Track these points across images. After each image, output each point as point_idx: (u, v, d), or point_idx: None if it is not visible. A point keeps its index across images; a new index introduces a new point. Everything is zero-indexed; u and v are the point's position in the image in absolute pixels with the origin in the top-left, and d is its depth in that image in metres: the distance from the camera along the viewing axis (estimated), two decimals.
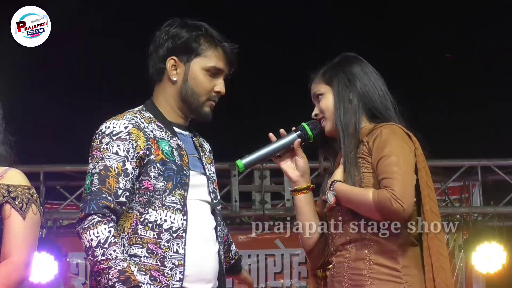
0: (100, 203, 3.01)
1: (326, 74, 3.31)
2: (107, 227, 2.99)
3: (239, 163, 3.35)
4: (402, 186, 3.06)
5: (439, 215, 3.18)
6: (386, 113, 3.24)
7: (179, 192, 3.12)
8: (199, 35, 3.22)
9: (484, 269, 7.40)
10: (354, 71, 3.28)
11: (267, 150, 3.35)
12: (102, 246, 2.97)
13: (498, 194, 7.61)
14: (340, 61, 3.33)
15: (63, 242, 7.16)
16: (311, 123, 3.34)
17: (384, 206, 3.07)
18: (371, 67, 3.32)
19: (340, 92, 3.25)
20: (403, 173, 3.08)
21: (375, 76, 3.30)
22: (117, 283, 2.93)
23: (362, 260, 3.15)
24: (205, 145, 3.38)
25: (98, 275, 2.98)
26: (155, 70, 3.25)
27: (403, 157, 3.12)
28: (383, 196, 3.08)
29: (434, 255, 3.12)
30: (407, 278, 3.12)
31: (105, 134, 3.11)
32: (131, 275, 2.96)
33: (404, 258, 3.13)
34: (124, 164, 3.07)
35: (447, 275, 3.13)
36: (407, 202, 3.06)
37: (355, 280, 3.15)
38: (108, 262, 2.96)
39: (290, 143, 3.34)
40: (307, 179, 3.36)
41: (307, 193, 3.35)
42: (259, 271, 7.68)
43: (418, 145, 3.20)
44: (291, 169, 3.37)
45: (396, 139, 3.14)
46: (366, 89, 3.25)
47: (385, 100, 3.27)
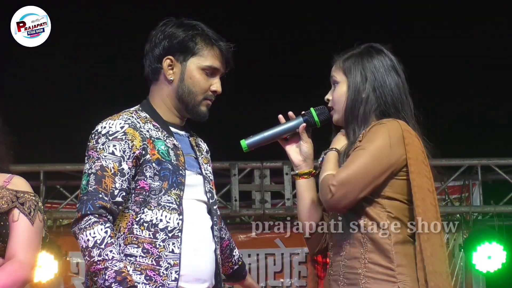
0: (97, 203, 3.02)
1: (346, 63, 3.26)
2: (103, 228, 2.99)
3: (242, 143, 3.32)
4: (347, 177, 3.06)
5: (437, 217, 3.14)
6: (397, 114, 3.20)
7: (175, 192, 3.12)
8: (195, 34, 3.22)
9: (484, 269, 7.39)
10: (373, 66, 3.23)
11: (271, 132, 3.32)
12: (98, 246, 2.97)
13: (498, 193, 7.61)
14: (362, 52, 3.27)
15: (63, 241, 7.16)
16: (319, 109, 3.31)
17: (321, 190, 3.11)
18: (392, 63, 3.26)
19: (354, 88, 3.22)
20: (360, 166, 3.07)
21: (394, 74, 3.24)
22: (113, 284, 2.94)
23: (357, 259, 3.13)
24: (202, 145, 3.38)
25: (95, 276, 2.98)
26: (151, 69, 3.25)
27: (374, 153, 3.09)
28: (325, 178, 3.11)
29: (427, 258, 3.08)
30: (401, 277, 3.10)
31: (101, 134, 3.11)
32: (127, 275, 2.96)
33: (399, 257, 3.11)
34: (121, 164, 3.07)
35: (442, 278, 3.09)
36: (340, 194, 3.05)
37: (350, 279, 3.14)
38: (105, 262, 2.96)
39: (296, 127, 3.31)
40: (310, 165, 3.32)
41: (308, 178, 3.32)
42: (259, 270, 7.68)
43: (418, 147, 3.16)
44: (294, 152, 3.34)
45: (380, 135, 3.12)
46: (382, 88, 3.21)
47: (399, 101, 3.22)
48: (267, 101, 6.88)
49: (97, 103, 6.44)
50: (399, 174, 3.15)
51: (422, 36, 7.33)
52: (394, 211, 3.14)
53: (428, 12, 7.44)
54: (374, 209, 3.13)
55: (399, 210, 3.15)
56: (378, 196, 3.13)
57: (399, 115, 3.20)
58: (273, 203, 7.50)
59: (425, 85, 7.10)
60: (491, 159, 7.54)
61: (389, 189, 3.14)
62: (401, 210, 3.15)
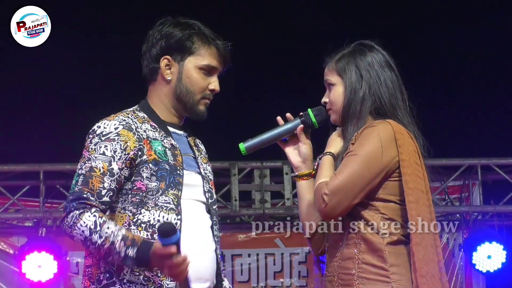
0: (81, 201, 3.03)
1: (339, 64, 3.26)
2: (90, 214, 3.00)
3: (241, 146, 3.33)
4: (339, 185, 3.07)
5: (431, 217, 3.14)
6: (393, 111, 3.20)
7: (173, 192, 3.12)
8: (192, 33, 3.22)
9: (484, 269, 7.39)
10: (367, 64, 3.23)
11: (269, 135, 3.33)
12: (95, 231, 2.98)
13: (498, 193, 7.60)
14: (354, 51, 3.27)
15: (63, 241, 7.15)
16: (316, 110, 3.31)
17: (315, 198, 3.13)
18: (384, 58, 3.26)
19: (350, 88, 3.21)
20: (352, 173, 3.08)
21: (389, 71, 3.24)
22: (127, 250, 2.95)
23: (351, 259, 3.13)
24: (201, 146, 3.38)
25: (108, 256, 2.99)
26: (149, 69, 3.26)
27: (365, 158, 3.09)
28: (318, 187, 3.12)
29: (418, 261, 3.07)
30: (395, 277, 3.10)
31: (96, 134, 3.12)
32: (133, 236, 2.98)
33: (392, 256, 3.11)
34: (110, 164, 3.07)
35: (434, 280, 3.08)
36: (333, 202, 3.07)
37: (344, 279, 3.15)
38: (108, 239, 2.97)
39: (293, 129, 3.31)
40: (309, 166, 3.32)
41: (308, 179, 3.32)
42: (259, 270, 7.67)
43: (411, 148, 3.15)
44: (293, 154, 3.34)
45: (371, 139, 3.12)
46: (377, 87, 3.20)
47: (394, 97, 3.22)
48: (267, 100, 6.88)
49: (97, 103, 6.43)
50: (393, 175, 3.15)
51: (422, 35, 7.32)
52: (388, 213, 3.14)
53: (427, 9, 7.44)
54: (368, 211, 3.14)
55: (393, 211, 3.15)
56: (372, 198, 3.14)
57: (395, 112, 3.20)
58: (273, 203, 7.49)
59: (425, 85, 7.11)
60: (491, 159, 7.53)
61: (383, 191, 3.14)
62: (395, 211, 3.15)
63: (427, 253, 3.10)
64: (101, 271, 3.08)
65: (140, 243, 2.96)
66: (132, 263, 2.98)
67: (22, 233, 7.40)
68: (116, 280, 3.06)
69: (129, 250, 2.95)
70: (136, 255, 2.95)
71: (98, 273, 3.09)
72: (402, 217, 3.14)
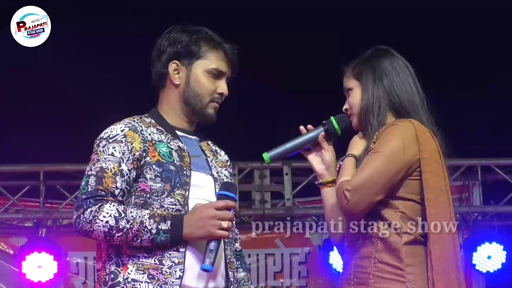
0: (98, 197, 3.03)
1: (356, 69, 3.29)
2: (109, 205, 3.02)
3: (265, 156, 3.38)
4: (361, 181, 3.07)
5: (450, 217, 3.14)
6: (412, 110, 3.22)
7: (179, 192, 3.13)
8: (199, 38, 3.25)
9: (484, 269, 7.39)
10: (383, 66, 3.25)
11: (293, 144, 3.36)
12: (120, 217, 3.01)
13: (498, 194, 7.60)
14: (370, 55, 3.31)
15: (63, 241, 7.16)
16: (339, 117, 3.34)
17: (337, 196, 3.13)
18: (402, 61, 3.30)
19: (368, 89, 3.24)
20: (374, 170, 3.08)
21: (405, 71, 3.27)
22: (158, 225, 3.00)
23: (368, 258, 3.15)
24: (220, 152, 3.41)
25: (136, 239, 3.01)
26: (158, 76, 3.29)
27: (387, 155, 3.10)
28: (340, 185, 3.12)
29: (435, 259, 3.09)
30: (410, 277, 3.10)
31: (103, 139, 3.15)
32: (160, 213, 3.03)
33: (408, 256, 3.12)
34: (120, 165, 3.09)
35: (451, 278, 3.09)
36: (355, 199, 3.07)
37: (360, 278, 3.16)
38: (136, 220, 3.00)
39: (316, 137, 3.34)
40: (333, 173, 3.34)
41: (333, 186, 3.32)
42: (259, 270, 7.67)
43: (432, 147, 3.18)
44: (316, 162, 3.37)
45: (393, 137, 3.13)
46: (394, 86, 3.23)
47: (412, 96, 3.24)
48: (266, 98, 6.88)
49: (97, 103, 6.44)
50: (413, 174, 3.16)
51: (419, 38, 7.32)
52: (408, 211, 3.15)
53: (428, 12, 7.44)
54: (388, 210, 3.14)
55: (412, 210, 3.15)
56: (392, 197, 3.14)
57: (414, 113, 3.22)
58: (273, 203, 7.49)
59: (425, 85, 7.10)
60: (491, 159, 7.54)
61: (403, 190, 3.15)
62: (414, 210, 3.15)
63: (444, 252, 3.11)
64: (106, 272, 3.09)
65: (171, 216, 3.02)
66: (165, 239, 3.01)
67: (22, 233, 7.41)
68: (121, 279, 3.06)
69: (161, 225, 3.00)
70: (171, 227, 3.00)
71: (104, 275, 3.10)
72: (422, 216, 3.14)
